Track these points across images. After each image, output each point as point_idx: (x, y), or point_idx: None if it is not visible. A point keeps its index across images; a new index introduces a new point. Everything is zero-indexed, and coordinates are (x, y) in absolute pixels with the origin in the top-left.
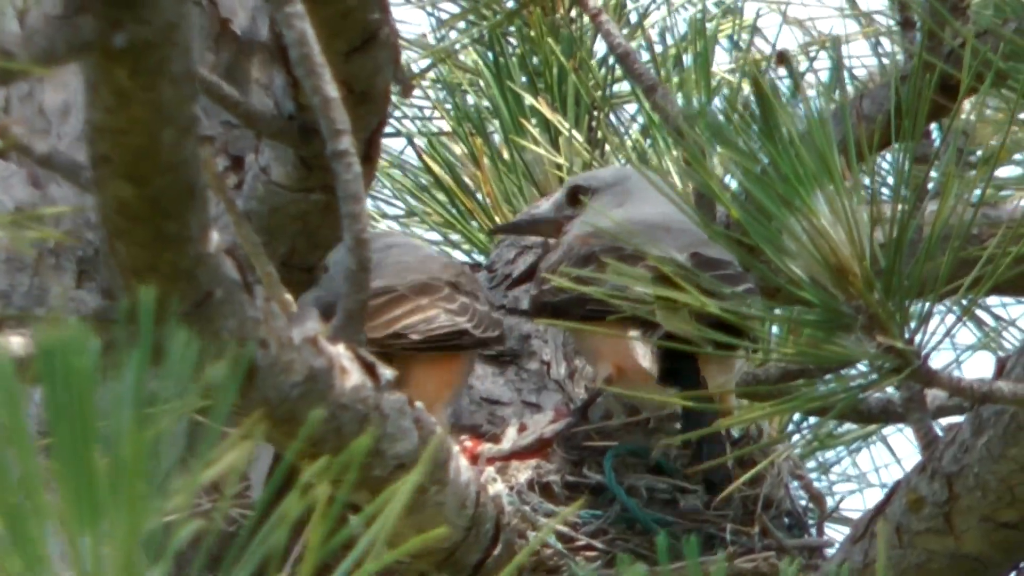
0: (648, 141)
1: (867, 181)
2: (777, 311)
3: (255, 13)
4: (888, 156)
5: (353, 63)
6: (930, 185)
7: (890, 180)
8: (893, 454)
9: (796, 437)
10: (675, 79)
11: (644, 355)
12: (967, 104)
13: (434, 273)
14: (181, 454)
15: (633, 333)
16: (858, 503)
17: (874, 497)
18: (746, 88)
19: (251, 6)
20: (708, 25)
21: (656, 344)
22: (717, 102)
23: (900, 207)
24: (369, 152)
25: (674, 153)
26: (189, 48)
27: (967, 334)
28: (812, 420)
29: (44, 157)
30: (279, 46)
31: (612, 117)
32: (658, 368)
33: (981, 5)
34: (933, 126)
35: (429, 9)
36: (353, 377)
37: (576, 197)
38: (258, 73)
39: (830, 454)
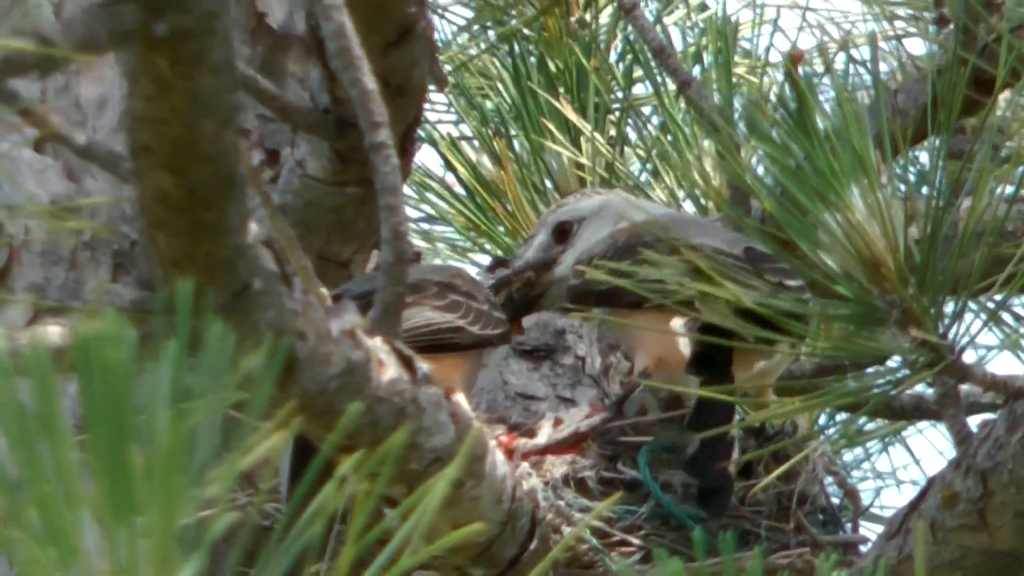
0: (669, 137)
1: (902, 176)
2: (811, 305)
3: (291, 7)
4: (923, 151)
5: (390, 57)
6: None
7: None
8: (912, 456)
9: (825, 433)
10: (696, 77)
11: (686, 344)
12: (1002, 100)
13: (423, 275)
14: (218, 446)
15: (676, 322)
16: (889, 499)
17: (900, 493)
18: (767, 84)
19: (287, 0)
20: (728, 26)
21: (695, 338)
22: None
23: (934, 202)
24: (405, 146)
25: (695, 152)
26: (229, 38)
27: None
28: (843, 416)
29: (83, 148)
30: (315, 39)
31: (632, 117)
32: (691, 356)
33: (1016, 1)
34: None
35: (442, 12)
36: (390, 370)
37: (562, 233)
38: (294, 67)
39: (859, 451)
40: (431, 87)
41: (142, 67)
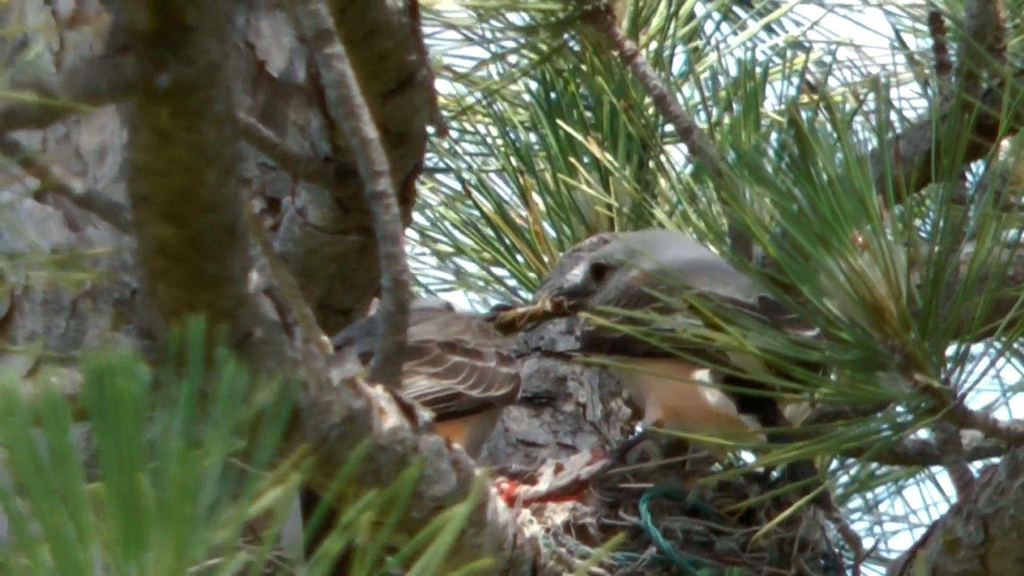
0: (700, 186)
1: (903, 221)
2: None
3: (292, 55)
4: (925, 197)
5: (390, 105)
6: (970, 227)
7: (928, 220)
8: (941, 491)
9: (842, 479)
10: (727, 121)
11: (712, 395)
12: (1006, 144)
13: (426, 335)
14: (230, 487)
15: (700, 374)
16: (895, 545)
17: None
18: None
19: (288, 48)
20: (758, 68)
21: (725, 389)
22: (772, 142)
23: (936, 248)
24: (405, 194)
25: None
26: (231, 89)
27: (1014, 376)
28: (851, 462)
29: (83, 197)
30: (316, 88)
31: (663, 157)
32: (736, 400)
33: (1019, 46)
34: (973, 166)
35: (488, 47)
36: (391, 418)
37: (598, 272)
38: (295, 115)
39: (877, 492)
40: (431, 135)
41: (143, 118)
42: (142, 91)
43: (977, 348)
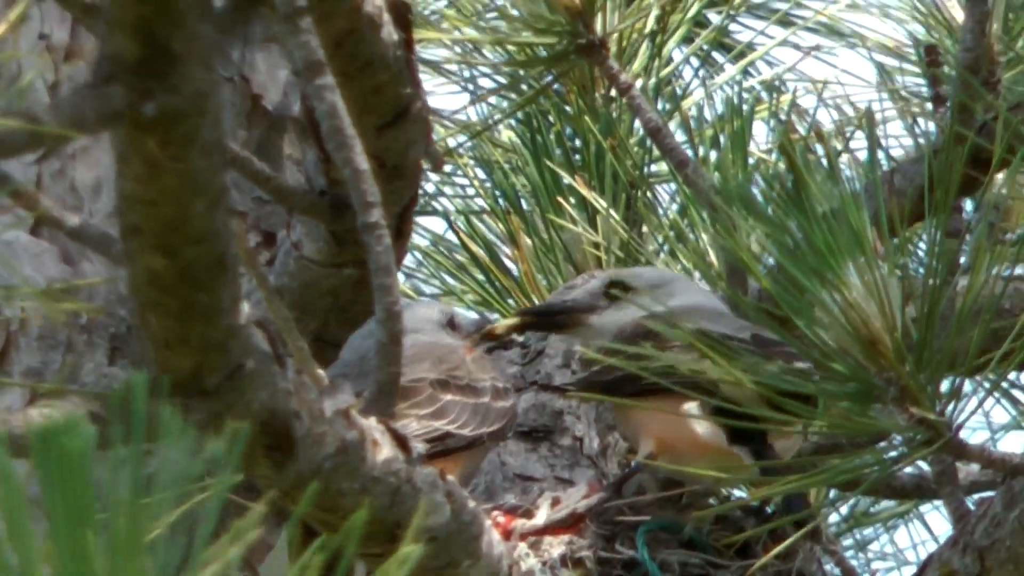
0: (686, 221)
1: (898, 255)
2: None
3: (287, 89)
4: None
5: (385, 138)
6: (964, 260)
7: (922, 254)
8: (930, 531)
9: (833, 517)
10: (712, 158)
11: (702, 427)
12: (1000, 177)
13: (419, 373)
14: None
15: (689, 405)
16: None
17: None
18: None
19: (283, 82)
20: (744, 106)
21: (716, 420)
22: (758, 179)
23: (931, 280)
24: (401, 227)
25: (709, 232)
26: (219, 118)
27: (1003, 414)
28: (848, 496)
29: (75, 230)
30: (311, 121)
31: (650, 195)
32: (726, 432)
33: (1012, 80)
34: (967, 202)
35: (465, 85)
36: (385, 450)
37: (610, 291)
38: (290, 149)
39: (867, 531)
40: (427, 168)
41: (131, 148)
42: (129, 120)
43: (971, 384)
